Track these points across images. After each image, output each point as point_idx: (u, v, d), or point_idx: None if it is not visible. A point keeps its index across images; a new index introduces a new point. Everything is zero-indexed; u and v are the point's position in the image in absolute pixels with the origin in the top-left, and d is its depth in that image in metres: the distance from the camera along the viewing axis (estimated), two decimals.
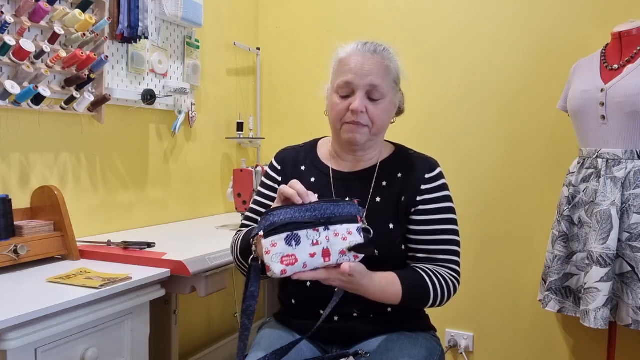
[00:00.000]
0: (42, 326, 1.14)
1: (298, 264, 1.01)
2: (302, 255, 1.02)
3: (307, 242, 1.03)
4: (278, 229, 1.02)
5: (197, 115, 2.36)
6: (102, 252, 1.59)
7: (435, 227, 1.25)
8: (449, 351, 2.45)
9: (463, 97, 2.39)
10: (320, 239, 1.04)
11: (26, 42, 1.52)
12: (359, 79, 1.20)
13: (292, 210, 1.05)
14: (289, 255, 1.01)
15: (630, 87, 1.74)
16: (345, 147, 1.29)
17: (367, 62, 1.21)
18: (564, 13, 2.19)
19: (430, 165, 1.30)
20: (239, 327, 1.10)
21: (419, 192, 1.26)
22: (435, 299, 1.19)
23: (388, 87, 1.24)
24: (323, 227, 1.05)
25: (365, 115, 1.21)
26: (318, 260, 1.03)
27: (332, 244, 1.04)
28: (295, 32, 2.74)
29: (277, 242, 1.02)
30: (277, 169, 1.38)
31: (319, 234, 1.04)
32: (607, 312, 1.75)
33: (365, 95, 1.21)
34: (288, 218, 1.03)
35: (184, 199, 2.35)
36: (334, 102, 1.25)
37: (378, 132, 1.25)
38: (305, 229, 1.03)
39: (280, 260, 1.01)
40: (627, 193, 1.76)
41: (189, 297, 2.29)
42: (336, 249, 1.04)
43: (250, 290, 1.09)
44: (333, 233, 1.05)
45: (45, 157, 1.73)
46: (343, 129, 1.24)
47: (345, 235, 1.06)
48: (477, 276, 2.38)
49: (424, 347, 1.23)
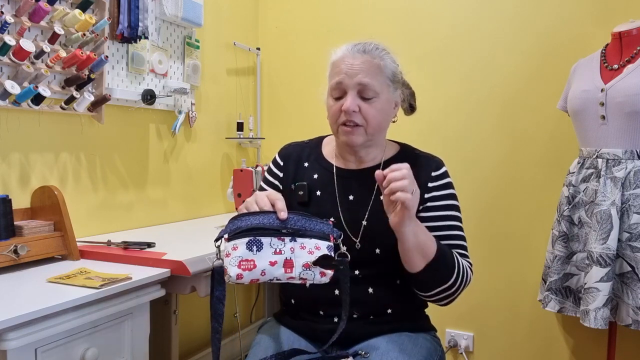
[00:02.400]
0: (42, 326, 1.14)
1: (256, 270, 0.99)
2: (262, 263, 1.00)
3: (269, 250, 1.01)
4: (242, 233, 1.01)
5: (197, 115, 2.36)
6: (102, 252, 1.59)
7: (443, 223, 1.26)
8: (449, 351, 2.45)
9: (463, 97, 2.39)
10: (284, 248, 1.02)
11: (26, 42, 1.52)
12: (348, 79, 1.21)
13: (261, 217, 1.03)
14: (247, 260, 1.00)
15: (630, 87, 1.74)
16: (346, 149, 1.30)
17: (356, 61, 1.22)
18: (564, 13, 2.19)
19: (436, 163, 1.31)
20: (211, 330, 1.09)
21: (427, 189, 1.27)
22: (457, 279, 1.18)
23: (381, 85, 1.23)
24: (289, 237, 1.03)
25: (358, 115, 1.21)
26: (279, 270, 1.01)
27: (297, 256, 1.02)
28: (295, 32, 2.74)
29: (238, 246, 1.00)
30: (279, 165, 1.38)
31: (284, 243, 1.02)
32: (607, 312, 1.75)
33: (357, 95, 1.21)
34: (255, 223, 1.02)
35: (184, 199, 2.35)
36: (328, 105, 1.26)
37: (374, 131, 1.25)
38: (270, 236, 1.01)
39: (237, 264, 0.99)
40: (627, 193, 1.76)
41: (189, 297, 2.29)
42: (300, 261, 1.02)
43: (215, 295, 1.07)
44: (299, 245, 1.03)
45: (45, 157, 1.73)
46: (340, 131, 1.25)
47: (313, 249, 1.03)
48: (478, 276, 2.37)
49: (424, 347, 1.23)
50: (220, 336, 1.08)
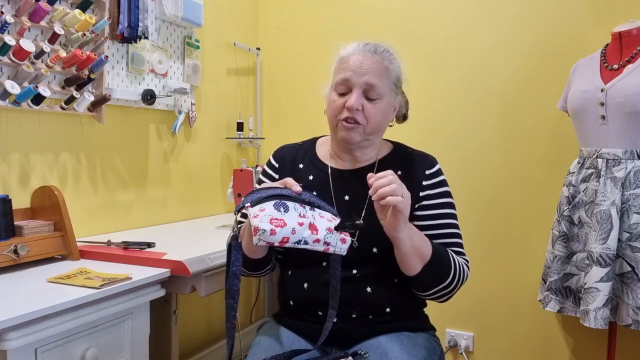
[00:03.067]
0: (42, 326, 1.14)
1: (287, 227, 1.01)
2: (291, 222, 1.02)
3: (294, 212, 1.04)
4: (266, 199, 1.04)
5: (197, 115, 2.36)
6: (102, 252, 1.59)
7: (439, 221, 1.26)
8: (449, 351, 2.45)
9: (463, 97, 2.39)
10: (307, 213, 1.06)
11: (26, 42, 1.52)
12: (356, 77, 1.21)
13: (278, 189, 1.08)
14: (277, 219, 1.01)
15: (630, 87, 1.74)
16: (342, 146, 1.30)
17: (366, 60, 1.22)
18: (564, 13, 2.19)
19: (429, 161, 1.32)
20: (225, 308, 1.10)
21: (421, 188, 1.27)
22: (454, 277, 1.20)
23: (386, 88, 1.24)
24: (309, 206, 1.08)
25: (360, 114, 1.22)
26: (305, 231, 1.03)
27: (318, 222, 1.06)
28: (295, 32, 2.74)
29: (265, 207, 1.02)
30: (274, 167, 1.38)
31: (306, 210, 1.07)
32: (607, 312, 1.75)
33: (362, 94, 1.22)
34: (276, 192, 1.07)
35: (184, 199, 2.35)
36: (331, 99, 1.26)
37: (372, 131, 1.25)
38: (293, 201, 1.06)
39: (269, 220, 1.00)
40: (627, 193, 1.76)
41: (189, 297, 2.29)
42: (323, 225, 1.05)
43: (232, 270, 1.08)
44: (318, 214, 1.08)
45: (45, 157, 1.73)
46: (339, 127, 1.25)
47: (331, 218, 1.08)
48: (477, 276, 2.38)
49: (424, 347, 1.23)
50: (235, 313, 1.09)
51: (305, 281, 1.26)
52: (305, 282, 1.26)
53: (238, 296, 1.10)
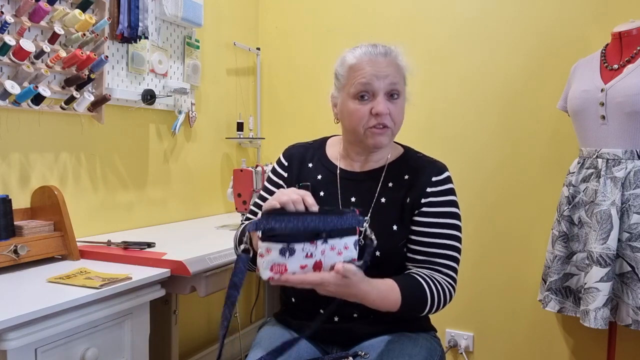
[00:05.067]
0: (42, 326, 1.14)
1: (286, 274, 1.01)
2: (293, 266, 1.01)
3: (300, 254, 1.02)
4: (277, 237, 1.01)
5: (197, 115, 2.36)
6: (102, 252, 1.59)
7: (437, 230, 1.23)
8: (449, 351, 2.45)
9: (463, 97, 2.39)
10: (315, 252, 1.03)
11: (26, 42, 1.52)
12: (378, 82, 1.20)
13: (296, 220, 1.02)
14: (279, 265, 1.01)
15: (630, 87, 1.74)
16: (368, 150, 1.28)
17: (381, 64, 1.21)
18: (564, 13, 2.20)
19: (438, 168, 1.29)
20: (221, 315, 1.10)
21: (425, 194, 1.25)
22: (432, 306, 1.18)
23: (402, 85, 1.25)
24: (322, 240, 1.03)
25: (388, 117, 1.21)
26: (308, 272, 1.03)
27: (326, 257, 1.03)
28: (295, 32, 2.74)
29: (271, 250, 1.01)
30: (284, 165, 1.38)
31: (316, 247, 1.03)
32: (607, 312, 1.75)
33: (385, 97, 1.21)
34: (290, 227, 1.01)
35: (184, 199, 2.35)
36: (353, 109, 1.23)
37: (398, 131, 1.27)
38: (303, 241, 1.02)
39: (270, 267, 1.01)
40: (627, 193, 1.76)
41: (189, 297, 2.29)
42: (328, 263, 1.03)
43: (233, 280, 1.08)
44: (329, 247, 1.04)
45: (45, 157, 1.73)
46: (367, 134, 1.23)
47: (342, 250, 1.05)
48: (478, 276, 2.38)
49: (424, 347, 1.23)
50: (228, 323, 1.09)
51: None
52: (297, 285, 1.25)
53: (234, 307, 1.09)
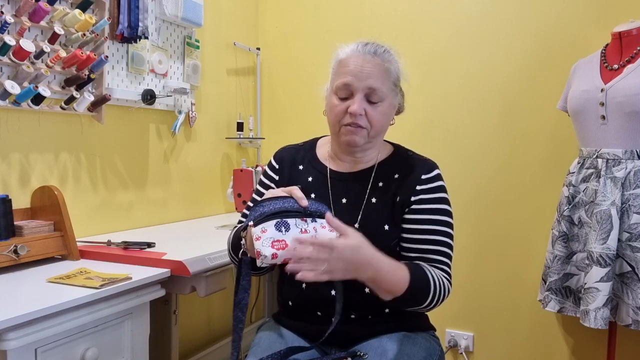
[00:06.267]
0: (42, 326, 1.14)
1: (288, 249, 1.03)
2: (292, 242, 1.03)
3: (296, 230, 1.06)
4: (267, 217, 1.05)
5: (197, 115, 2.36)
6: (102, 252, 1.59)
7: (428, 226, 1.22)
8: (449, 351, 2.45)
9: (463, 97, 2.39)
10: (308, 228, 1.07)
11: (26, 42, 1.52)
12: (357, 81, 1.19)
13: (281, 201, 1.09)
14: (279, 240, 1.04)
15: (630, 87, 1.74)
16: (344, 149, 1.29)
17: (366, 64, 1.20)
18: (564, 13, 2.19)
19: (428, 166, 1.28)
20: (233, 320, 1.10)
21: (414, 192, 1.24)
22: (433, 298, 1.16)
23: (387, 90, 1.23)
24: (310, 218, 1.09)
25: (363, 118, 1.20)
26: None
27: (319, 234, 1.07)
28: (295, 32, 2.74)
29: (267, 229, 1.04)
30: (275, 168, 1.38)
31: (307, 224, 1.08)
32: (607, 312, 1.75)
33: (364, 98, 1.20)
34: (277, 207, 1.07)
35: (184, 199, 2.35)
36: (332, 104, 1.24)
37: (376, 134, 1.25)
38: (294, 217, 1.07)
39: (270, 244, 1.03)
40: (627, 193, 1.76)
41: (189, 297, 2.29)
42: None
43: (242, 284, 1.10)
44: (320, 225, 1.09)
45: (45, 157, 1.73)
46: (342, 131, 1.24)
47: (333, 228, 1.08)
48: (477, 276, 2.38)
49: (423, 347, 1.23)
50: (243, 326, 1.10)
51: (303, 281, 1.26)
52: (303, 282, 1.26)
53: (246, 309, 1.10)
